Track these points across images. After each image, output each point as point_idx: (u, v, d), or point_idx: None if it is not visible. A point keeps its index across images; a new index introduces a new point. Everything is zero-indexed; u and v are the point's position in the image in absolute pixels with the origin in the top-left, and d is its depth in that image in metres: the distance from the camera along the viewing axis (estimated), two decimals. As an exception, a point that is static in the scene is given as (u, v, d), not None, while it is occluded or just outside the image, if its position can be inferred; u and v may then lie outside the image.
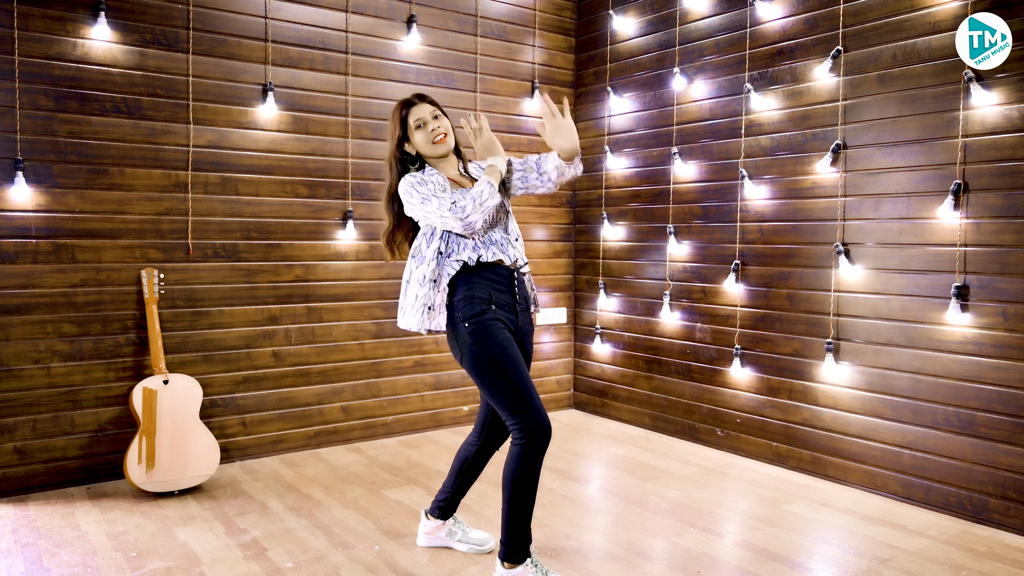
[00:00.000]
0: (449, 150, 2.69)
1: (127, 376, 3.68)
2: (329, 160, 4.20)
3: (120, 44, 3.63)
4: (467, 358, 2.50)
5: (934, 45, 3.30)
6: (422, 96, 2.70)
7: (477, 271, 2.55)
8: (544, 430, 2.44)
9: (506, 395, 2.45)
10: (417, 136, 2.64)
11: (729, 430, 4.18)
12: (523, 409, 2.44)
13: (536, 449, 2.44)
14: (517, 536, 2.50)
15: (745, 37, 4.04)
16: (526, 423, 2.43)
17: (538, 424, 2.43)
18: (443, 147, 2.65)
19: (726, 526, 3.17)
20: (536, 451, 2.44)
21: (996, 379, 3.13)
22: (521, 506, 2.48)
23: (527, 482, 2.46)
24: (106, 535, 3.02)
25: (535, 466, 2.46)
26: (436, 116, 2.65)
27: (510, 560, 2.52)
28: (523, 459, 2.44)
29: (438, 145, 2.63)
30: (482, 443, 2.82)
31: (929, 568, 2.77)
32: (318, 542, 2.97)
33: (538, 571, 2.52)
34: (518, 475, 2.45)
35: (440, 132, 2.64)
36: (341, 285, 4.27)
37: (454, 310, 2.53)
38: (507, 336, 2.52)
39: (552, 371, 5.12)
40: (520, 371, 2.47)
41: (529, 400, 2.44)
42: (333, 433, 4.27)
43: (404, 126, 2.65)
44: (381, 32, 4.35)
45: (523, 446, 2.44)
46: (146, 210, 3.71)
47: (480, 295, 2.52)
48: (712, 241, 4.25)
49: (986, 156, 3.14)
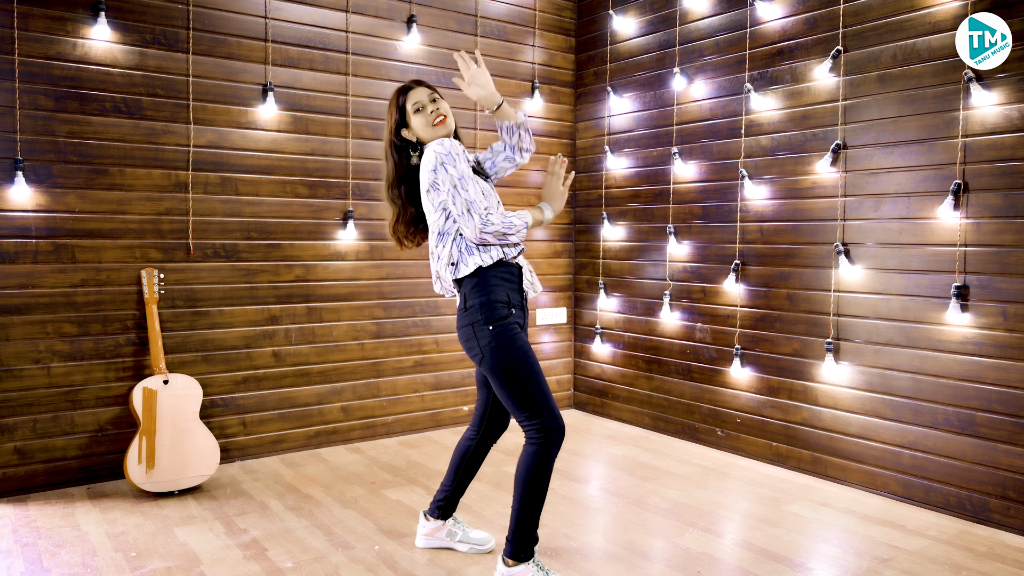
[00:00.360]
0: (449, 132, 2.64)
1: (127, 376, 3.68)
2: (329, 160, 4.20)
3: (120, 44, 3.63)
4: (488, 361, 2.49)
5: (934, 45, 3.30)
6: (418, 81, 2.69)
7: (493, 268, 2.52)
8: (560, 431, 2.48)
9: (526, 397, 2.47)
10: (415, 120, 2.61)
11: (729, 430, 4.18)
12: (542, 411, 2.47)
13: (551, 449, 2.48)
14: (524, 534, 2.52)
15: (745, 37, 4.04)
16: (545, 424, 2.46)
17: (555, 425, 2.47)
18: (443, 129, 2.61)
19: (726, 526, 3.17)
20: (551, 451, 2.48)
21: (996, 379, 3.13)
22: (532, 505, 2.50)
23: (540, 481, 2.49)
24: (106, 535, 3.02)
25: (548, 466, 2.49)
26: (434, 99, 2.63)
27: (515, 558, 2.53)
28: (538, 458, 2.47)
29: (437, 127, 2.60)
30: (481, 436, 2.83)
31: (929, 568, 2.77)
32: (318, 542, 2.97)
33: (540, 571, 2.53)
34: (532, 474, 2.48)
35: (440, 114, 2.61)
36: (341, 285, 4.27)
37: (476, 312, 2.49)
38: (525, 339, 2.53)
39: (552, 371, 5.12)
40: (539, 374, 2.50)
41: (547, 402, 2.48)
42: (333, 433, 4.27)
43: (402, 112, 2.63)
44: (381, 32, 4.35)
45: (539, 446, 2.47)
46: (146, 210, 3.71)
47: (501, 299, 2.50)
48: (712, 241, 4.25)
49: (986, 156, 3.14)
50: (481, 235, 2.43)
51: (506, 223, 2.46)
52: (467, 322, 2.52)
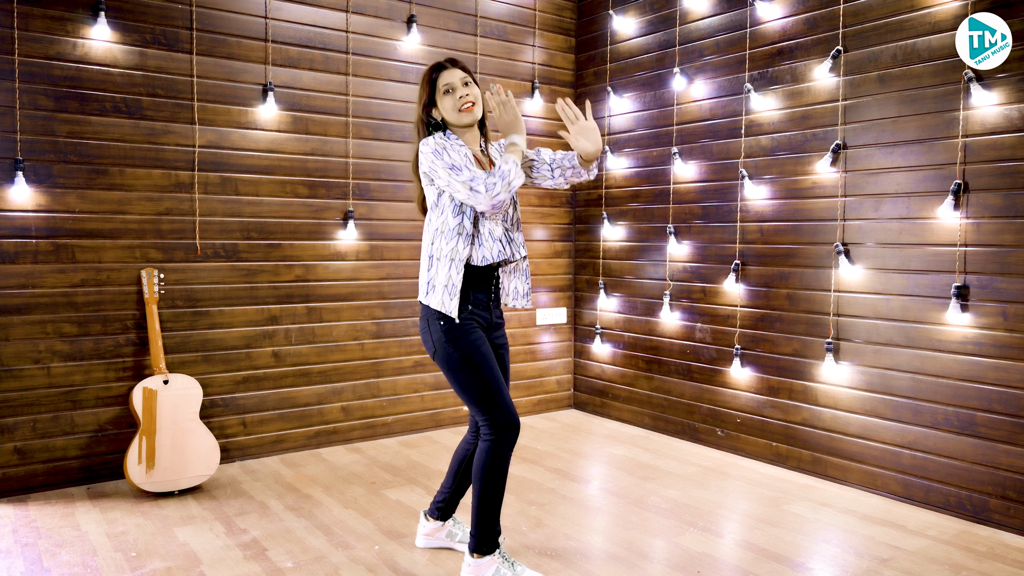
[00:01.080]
0: (475, 120, 2.57)
1: (127, 376, 3.68)
2: (329, 160, 4.20)
3: (120, 44, 3.63)
4: (440, 355, 2.53)
5: (934, 45, 3.29)
6: (454, 61, 2.59)
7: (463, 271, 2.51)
8: (513, 427, 2.50)
9: (477, 393, 2.49)
10: (444, 102, 2.54)
11: (729, 430, 4.18)
12: (493, 407, 2.49)
13: (505, 445, 2.50)
14: (486, 528, 2.57)
15: (745, 37, 4.04)
16: (496, 420, 2.49)
17: (508, 421, 2.49)
18: (469, 116, 2.54)
19: (726, 526, 3.17)
20: (504, 447, 2.51)
21: (996, 379, 3.13)
22: (490, 500, 2.54)
23: (496, 477, 2.52)
24: (106, 535, 3.02)
25: (504, 462, 2.52)
26: (467, 83, 2.55)
27: (479, 551, 2.58)
28: (492, 454, 2.51)
29: (464, 114, 2.53)
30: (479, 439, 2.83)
31: (929, 568, 2.77)
32: (318, 542, 2.97)
33: (505, 563, 2.57)
34: (487, 470, 2.52)
35: (468, 100, 2.52)
36: (341, 285, 4.27)
37: (429, 308, 2.53)
38: (480, 335, 2.53)
39: (552, 371, 5.12)
40: (491, 369, 2.50)
41: (499, 398, 2.49)
42: (333, 433, 4.27)
43: (433, 89, 2.55)
44: (381, 32, 4.35)
45: (492, 442, 2.51)
46: (146, 210, 3.71)
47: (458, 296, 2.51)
48: (712, 241, 4.25)
49: (986, 156, 3.14)
50: (495, 198, 2.38)
51: (500, 173, 2.39)
52: (423, 315, 2.56)
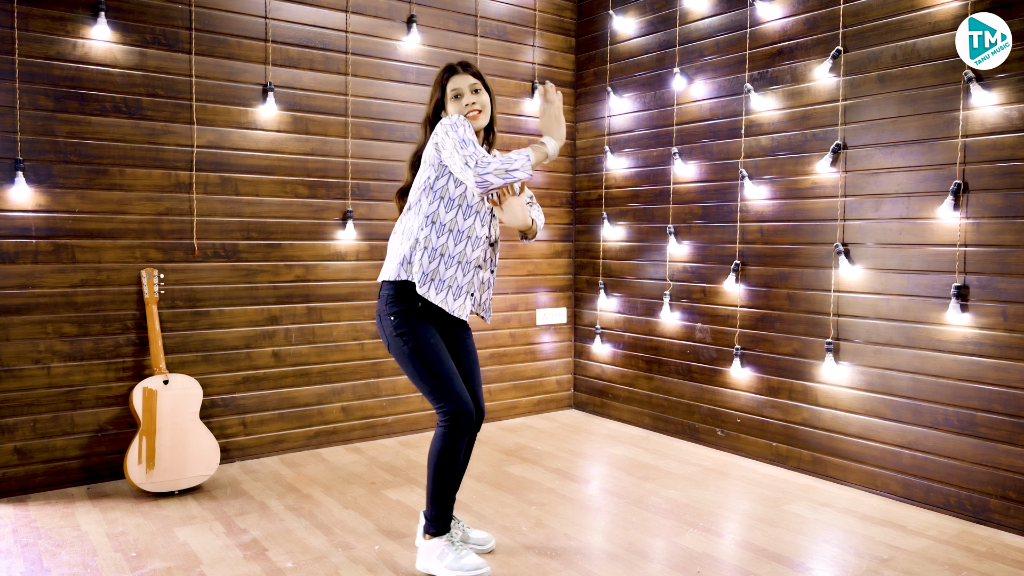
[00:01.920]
0: (481, 128, 2.62)
1: (127, 376, 3.68)
2: (329, 160, 4.20)
3: (120, 44, 3.63)
4: (393, 348, 2.62)
5: (934, 45, 3.29)
6: (467, 65, 2.62)
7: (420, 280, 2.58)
8: (465, 415, 2.58)
9: (429, 383, 2.58)
10: (452, 107, 2.59)
11: (729, 430, 4.18)
12: (445, 396, 2.57)
13: (457, 432, 2.59)
14: (439, 511, 2.68)
15: (745, 37, 4.04)
16: (448, 408, 2.58)
17: (459, 409, 2.57)
18: (474, 124, 2.58)
19: (726, 526, 3.17)
20: (457, 434, 2.59)
21: (996, 379, 3.13)
22: (443, 484, 2.64)
23: (449, 462, 2.62)
24: (106, 535, 3.02)
25: (456, 448, 2.61)
26: (476, 90, 2.59)
27: (430, 532, 2.69)
28: (446, 440, 2.60)
29: (470, 120, 2.56)
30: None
31: (929, 568, 2.77)
32: (318, 542, 2.97)
33: (451, 546, 2.66)
34: (441, 455, 2.62)
35: (475, 108, 2.57)
36: (341, 285, 4.27)
37: (384, 301, 2.61)
38: (429, 328, 2.60)
39: (552, 371, 5.12)
40: (441, 360, 2.57)
41: (450, 387, 2.57)
42: (333, 433, 4.27)
43: (444, 91, 2.60)
44: (381, 32, 4.35)
45: (446, 428, 2.60)
46: (146, 210, 3.71)
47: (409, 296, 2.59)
48: (712, 241, 4.25)
49: (986, 156, 3.14)
50: (481, 178, 2.39)
51: (505, 158, 2.41)
52: (378, 310, 2.65)
